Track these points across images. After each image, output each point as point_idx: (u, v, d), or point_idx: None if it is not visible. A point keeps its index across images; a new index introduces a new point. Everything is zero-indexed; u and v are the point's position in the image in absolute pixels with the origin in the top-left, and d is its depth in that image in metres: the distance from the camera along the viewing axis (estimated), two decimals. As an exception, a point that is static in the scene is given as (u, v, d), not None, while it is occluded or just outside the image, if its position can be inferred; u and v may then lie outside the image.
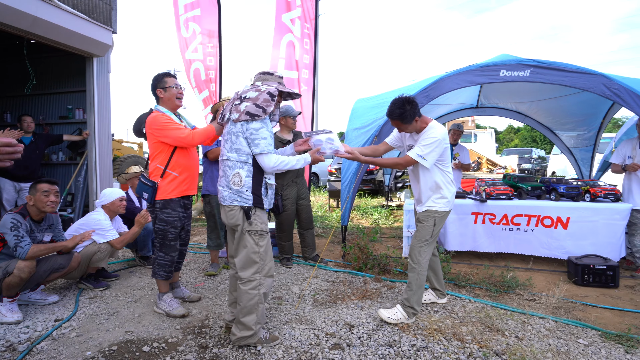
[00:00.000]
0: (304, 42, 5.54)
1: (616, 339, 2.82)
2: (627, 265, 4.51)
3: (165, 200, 3.04)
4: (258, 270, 2.60)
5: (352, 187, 4.80)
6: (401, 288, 3.84)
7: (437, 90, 4.51)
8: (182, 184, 3.10)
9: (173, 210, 3.07)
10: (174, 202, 3.07)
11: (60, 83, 6.63)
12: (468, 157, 6.13)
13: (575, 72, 4.07)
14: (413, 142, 3.18)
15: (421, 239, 3.14)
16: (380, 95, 6.31)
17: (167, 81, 3.07)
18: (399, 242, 5.90)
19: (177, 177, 3.06)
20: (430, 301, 3.47)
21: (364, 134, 5.08)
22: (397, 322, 3.03)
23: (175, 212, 3.09)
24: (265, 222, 2.65)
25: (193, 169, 3.18)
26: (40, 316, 3.12)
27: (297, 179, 4.55)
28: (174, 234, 3.11)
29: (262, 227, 2.61)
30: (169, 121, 2.98)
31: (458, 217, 4.81)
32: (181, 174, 3.08)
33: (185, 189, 3.13)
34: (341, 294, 3.64)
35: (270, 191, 2.68)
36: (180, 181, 3.08)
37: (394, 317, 3.04)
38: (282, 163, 2.59)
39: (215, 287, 3.82)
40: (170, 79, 3.10)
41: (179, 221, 3.12)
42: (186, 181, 3.12)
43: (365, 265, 4.39)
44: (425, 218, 3.16)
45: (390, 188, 9.68)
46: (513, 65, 4.28)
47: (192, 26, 6.28)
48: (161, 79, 3.08)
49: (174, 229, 3.11)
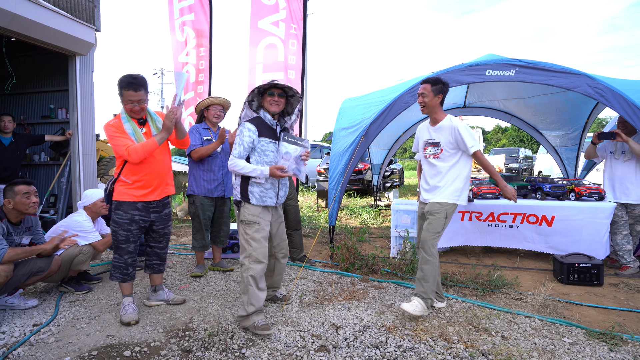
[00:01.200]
0: (290, 42, 5.49)
1: (600, 337, 2.83)
2: (612, 263, 4.56)
3: (117, 201, 3.01)
4: (247, 255, 2.92)
5: (340, 187, 4.78)
6: (389, 288, 3.83)
7: (424, 90, 4.51)
8: (137, 189, 3.00)
9: (124, 212, 2.99)
10: (126, 204, 2.99)
11: (42, 82, 6.48)
12: None
13: (559, 72, 4.10)
14: (429, 136, 3.33)
15: (434, 231, 3.18)
16: (368, 95, 6.30)
17: (123, 94, 2.92)
18: (387, 242, 5.89)
19: (130, 183, 2.98)
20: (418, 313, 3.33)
21: (351, 133, 5.06)
22: (421, 314, 3.07)
23: (126, 215, 3.00)
24: (253, 214, 2.94)
25: (152, 174, 3.04)
26: (18, 321, 3.03)
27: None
28: (124, 236, 3.02)
29: (250, 217, 2.94)
30: (115, 133, 2.90)
31: (445, 216, 4.83)
32: (135, 181, 2.99)
33: (141, 194, 3.02)
34: (328, 295, 3.61)
35: (258, 188, 2.96)
36: (134, 188, 3.00)
37: (418, 310, 3.05)
38: (237, 166, 2.90)
39: (200, 289, 3.75)
40: (127, 93, 2.90)
41: (131, 224, 3.02)
42: (142, 187, 3.02)
43: (353, 265, 4.37)
44: (438, 210, 3.19)
45: (379, 188, 9.68)
46: (498, 65, 4.29)
47: (186, 30, 6.27)
48: (120, 90, 2.92)
49: (125, 231, 3.01)
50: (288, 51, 5.47)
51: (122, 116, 2.98)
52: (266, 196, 2.98)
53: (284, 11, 5.52)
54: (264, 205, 2.98)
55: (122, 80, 2.90)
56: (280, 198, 3.13)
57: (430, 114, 3.32)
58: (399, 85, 5.45)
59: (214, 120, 4.09)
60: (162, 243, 3.31)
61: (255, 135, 2.91)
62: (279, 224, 3.23)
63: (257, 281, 2.89)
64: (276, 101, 3.01)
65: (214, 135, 4.08)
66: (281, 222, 3.26)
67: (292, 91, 3.11)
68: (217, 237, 4.25)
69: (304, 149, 3.04)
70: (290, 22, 5.52)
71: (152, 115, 3.12)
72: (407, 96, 4.54)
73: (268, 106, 3.00)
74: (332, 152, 5.26)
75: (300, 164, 3.06)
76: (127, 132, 2.93)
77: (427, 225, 3.22)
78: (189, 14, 6.28)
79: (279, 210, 3.25)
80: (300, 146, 3.04)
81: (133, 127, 2.95)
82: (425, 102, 3.24)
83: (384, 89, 6.20)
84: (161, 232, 3.24)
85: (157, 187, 3.08)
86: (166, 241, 3.34)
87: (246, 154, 2.91)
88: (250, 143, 2.90)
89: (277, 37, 5.48)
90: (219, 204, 4.13)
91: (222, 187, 4.06)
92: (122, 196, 2.98)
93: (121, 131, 2.92)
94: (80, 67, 5.88)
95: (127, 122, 2.96)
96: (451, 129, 3.19)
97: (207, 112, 4.10)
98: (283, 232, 3.28)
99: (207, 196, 4.00)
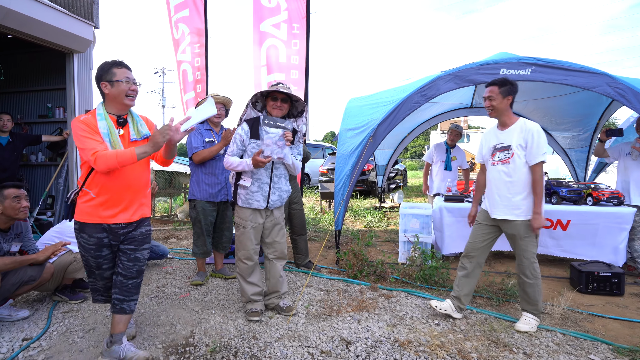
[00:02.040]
0: (292, 43, 5.32)
1: (629, 354, 2.65)
2: (630, 270, 4.38)
3: (80, 223, 2.39)
4: (236, 253, 3.15)
5: (347, 190, 4.60)
6: (399, 297, 3.64)
7: (434, 90, 4.33)
8: (101, 208, 2.36)
9: (89, 236, 2.38)
10: (91, 227, 2.37)
11: (39, 80, 6.31)
12: (465, 160, 6.00)
13: (578, 71, 3.91)
14: (497, 140, 3.10)
15: (532, 252, 2.98)
16: (374, 94, 6.11)
17: (115, 72, 2.36)
18: (394, 246, 5.71)
19: (93, 198, 2.36)
20: (444, 312, 3.19)
21: (358, 134, 4.88)
22: (534, 329, 2.97)
23: (91, 240, 2.38)
24: (240, 217, 3.09)
25: (123, 189, 2.40)
26: (7, 335, 2.84)
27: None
28: (94, 263, 2.45)
29: (238, 220, 3.11)
30: (84, 132, 2.29)
31: (456, 220, 4.65)
32: (100, 195, 2.36)
33: (108, 215, 2.37)
34: (336, 305, 3.43)
35: (243, 191, 3.05)
36: (99, 204, 2.36)
37: (533, 327, 2.96)
38: (228, 163, 3.01)
39: (201, 299, 3.57)
40: (121, 70, 2.38)
41: (100, 249, 2.41)
42: (107, 205, 2.37)
43: (361, 272, 4.19)
44: (527, 232, 2.96)
45: (383, 189, 9.49)
46: (513, 64, 4.11)
47: (181, 27, 6.14)
48: (108, 70, 2.36)
49: (94, 258, 2.43)
50: (290, 52, 5.30)
51: (97, 112, 2.37)
52: (252, 199, 3.05)
53: (286, 12, 5.36)
54: (253, 208, 3.07)
55: (105, 63, 2.40)
56: (272, 202, 3.11)
57: (499, 117, 3.09)
58: (408, 85, 5.26)
59: (215, 120, 3.90)
60: (131, 271, 2.47)
61: (246, 136, 3.01)
62: (273, 225, 3.19)
63: (243, 277, 3.17)
64: (278, 106, 3.03)
65: (217, 136, 3.88)
66: (277, 224, 3.21)
67: (295, 97, 3.10)
68: (219, 243, 4.06)
69: (283, 130, 2.96)
70: (292, 22, 5.34)
71: (134, 116, 2.52)
72: (417, 96, 4.35)
73: (270, 110, 3.05)
74: (338, 153, 5.08)
75: (283, 147, 2.96)
76: (100, 132, 2.32)
77: (521, 251, 3.00)
78: (183, 10, 6.14)
79: (276, 212, 3.20)
80: (281, 128, 2.98)
81: (109, 126, 2.35)
82: (494, 106, 3.03)
83: (391, 88, 6.02)
84: (130, 256, 2.47)
85: (129, 206, 2.43)
86: (137, 270, 2.50)
87: (239, 152, 3.04)
88: (241, 142, 3.02)
89: (279, 39, 5.33)
90: (221, 208, 3.95)
91: (225, 191, 3.87)
92: (84, 216, 2.37)
93: (92, 130, 2.30)
94: (78, 65, 5.71)
95: (103, 120, 2.35)
96: (524, 130, 2.95)
97: None
98: (279, 234, 3.23)
99: (210, 201, 3.82)
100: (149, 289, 3.80)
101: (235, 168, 2.98)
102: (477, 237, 3.22)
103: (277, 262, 3.24)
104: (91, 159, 2.23)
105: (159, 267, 4.52)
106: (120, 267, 2.46)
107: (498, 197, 3.07)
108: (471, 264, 3.21)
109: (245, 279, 3.15)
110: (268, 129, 2.96)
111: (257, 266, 3.21)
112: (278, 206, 3.19)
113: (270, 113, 3.03)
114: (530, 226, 2.94)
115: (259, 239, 3.18)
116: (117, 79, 2.36)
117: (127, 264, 2.46)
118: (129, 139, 2.44)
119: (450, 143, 5.85)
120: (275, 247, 3.21)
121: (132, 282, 2.48)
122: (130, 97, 2.42)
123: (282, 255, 3.25)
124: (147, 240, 2.55)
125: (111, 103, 2.41)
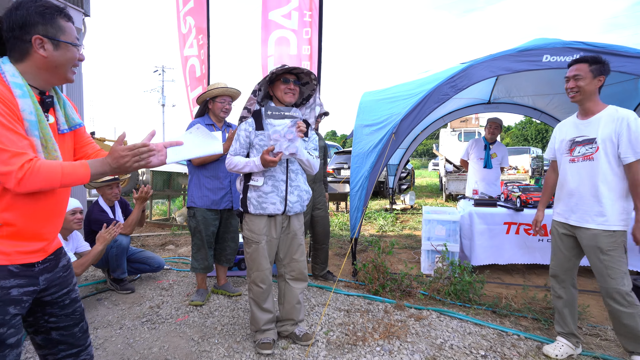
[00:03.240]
0: (304, 32, 4.83)
1: None
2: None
3: None
4: (249, 275, 2.64)
5: (365, 194, 4.09)
6: (431, 318, 3.14)
7: (466, 80, 3.84)
8: (9, 240, 1.36)
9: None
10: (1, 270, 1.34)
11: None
12: (507, 157, 5.28)
13: (636, 57, 3.40)
14: (577, 132, 2.55)
15: (622, 270, 2.36)
16: (391, 88, 5.59)
17: (63, 27, 1.41)
18: (413, 254, 5.21)
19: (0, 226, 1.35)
20: (566, 356, 2.60)
21: (377, 131, 4.37)
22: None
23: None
24: (252, 230, 2.56)
25: (39, 215, 1.43)
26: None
27: (314, 185, 3.83)
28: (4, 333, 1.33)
29: (248, 234, 2.58)
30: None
31: (488, 227, 4.15)
32: (12, 224, 1.35)
33: (17, 251, 1.38)
34: (360, 331, 2.92)
35: (255, 193, 2.54)
36: (11, 234, 1.36)
37: None
38: (231, 164, 2.56)
39: (201, 323, 3.05)
40: (69, 26, 1.44)
41: (3, 309, 1.33)
42: (18, 237, 1.38)
43: (383, 287, 3.68)
44: (612, 246, 2.37)
45: (395, 190, 8.98)
46: (558, 49, 3.60)
47: (188, 20, 5.87)
48: (51, 18, 1.38)
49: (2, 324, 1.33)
50: (302, 41, 4.81)
51: (9, 80, 1.32)
52: (267, 202, 2.52)
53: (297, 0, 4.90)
54: (268, 216, 2.56)
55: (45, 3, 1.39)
56: (290, 204, 2.56)
57: (584, 102, 2.51)
58: (430, 77, 4.74)
59: (221, 115, 3.36)
60: (75, 330, 1.59)
61: (252, 128, 2.56)
62: (291, 240, 2.64)
63: (258, 303, 2.65)
64: (292, 89, 2.56)
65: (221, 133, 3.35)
66: (295, 238, 2.65)
67: (309, 77, 2.65)
68: (221, 255, 3.55)
69: (293, 120, 2.42)
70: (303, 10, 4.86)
71: (61, 97, 1.54)
72: (447, 87, 3.85)
73: (281, 96, 2.56)
74: (354, 152, 4.57)
75: (295, 139, 2.42)
76: (24, 119, 1.33)
77: (605, 269, 2.38)
78: (189, 3, 5.84)
79: (295, 222, 2.65)
80: (289, 117, 2.48)
81: (36, 108, 1.36)
82: (580, 87, 2.45)
83: (408, 82, 5.50)
84: (63, 302, 1.56)
85: (46, 237, 1.48)
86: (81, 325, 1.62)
87: (243, 150, 2.59)
88: (246, 138, 2.57)
89: (289, 29, 4.87)
90: (224, 216, 3.43)
91: (230, 197, 3.35)
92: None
93: (11, 112, 1.28)
94: (66, 55, 5.20)
95: (27, 97, 1.34)
96: (616, 120, 2.38)
97: (213, 104, 3.35)
98: (297, 251, 2.67)
99: (212, 209, 3.30)
100: (140, 310, 3.29)
101: (241, 170, 2.52)
102: (559, 254, 2.68)
103: (295, 285, 2.71)
104: (15, 170, 1.23)
105: (154, 282, 4.01)
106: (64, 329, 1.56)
107: (576, 201, 2.53)
108: (565, 289, 2.66)
109: (260, 305, 2.64)
110: (273, 121, 2.49)
111: (272, 288, 2.71)
112: (298, 211, 2.63)
113: (282, 100, 2.54)
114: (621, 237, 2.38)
115: (274, 255, 2.66)
116: (66, 39, 1.42)
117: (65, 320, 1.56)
118: (56, 129, 1.49)
119: (489, 138, 5.14)
120: (292, 267, 2.67)
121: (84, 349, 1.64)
122: (73, 66, 1.48)
123: (301, 276, 2.70)
124: (73, 274, 1.66)
125: (39, 72, 1.41)
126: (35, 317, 1.52)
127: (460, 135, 14.34)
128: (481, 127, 14.17)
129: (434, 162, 30.71)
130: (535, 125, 47.19)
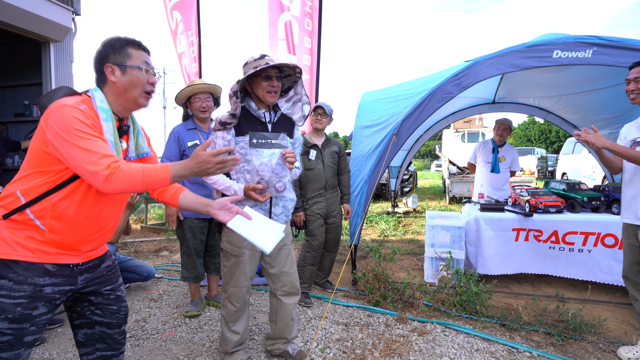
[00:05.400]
0: (305, 22, 4.62)
1: None
2: None
3: (4, 260, 1.40)
4: (224, 289, 2.41)
5: (365, 198, 3.88)
6: (435, 332, 2.92)
7: (471, 77, 3.63)
8: (54, 245, 1.47)
9: (18, 284, 1.39)
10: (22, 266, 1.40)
11: (14, 75, 5.63)
12: (517, 160, 5.02)
13: (654, 52, 3.19)
14: (638, 134, 2.57)
15: None
16: (391, 87, 5.38)
17: (131, 54, 1.56)
18: (416, 260, 4.99)
19: (43, 231, 1.44)
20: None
21: (377, 132, 4.16)
22: None
23: (22, 290, 1.39)
24: (231, 243, 2.31)
25: (93, 228, 1.55)
26: None
27: (326, 193, 3.56)
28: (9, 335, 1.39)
29: (227, 246, 2.33)
30: (86, 127, 1.40)
31: (495, 234, 3.92)
32: (56, 232, 1.46)
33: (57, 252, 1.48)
34: (359, 347, 2.71)
35: None
36: (53, 241, 1.46)
37: None
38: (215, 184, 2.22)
39: (189, 338, 2.85)
40: (139, 53, 1.58)
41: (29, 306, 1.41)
42: (63, 246, 1.49)
43: (384, 298, 3.47)
44: None
45: (397, 193, 8.76)
46: (570, 44, 3.38)
47: (175, 15, 5.61)
48: (120, 48, 1.55)
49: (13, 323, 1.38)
50: (303, 32, 4.60)
51: (98, 104, 1.50)
52: None
53: None
54: None
55: (118, 38, 1.58)
56: (275, 217, 2.32)
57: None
58: (432, 76, 4.52)
59: (201, 115, 3.11)
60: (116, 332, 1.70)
61: (231, 136, 2.20)
62: (278, 250, 2.38)
63: (227, 322, 2.43)
64: (274, 87, 2.22)
65: (205, 136, 3.15)
66: (282, 247, 2.40)
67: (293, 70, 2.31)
68: (211, 264, 3.34)
69: (281, 150, 2.19)
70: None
71: (135, 124, 1.71)
72: (451, 85, 3.65)
73: (263, 95, 2.22)
74: (353, 154, 4.37)
75: (285, 173, 2.21)
76: (106, 137, 1.47)
77: None
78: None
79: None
80: (277, 147, 2.22)
81: (114, 132, 1.53)
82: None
83: (409, 81, 5.29)
84: (109, 297, 1.67)
85: (85, 252, 1.57)
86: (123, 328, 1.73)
87: None
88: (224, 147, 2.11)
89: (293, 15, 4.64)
90: (213, 225, 3.22)
91: (218, 204, 3.15)
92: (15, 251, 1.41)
93: (96, 128, 1.45)
94: (56, 55, 5.03)
95: (109, 121, 1.51)
96: None
97: (190, 105, 3.15)
98: (287, 262, 2.42)
99: (199, 217, 3.10)
100: (125, 323, 3.09)
101: (221, 190, 2.24)
102: (630, 257, 2.71)
103: (288, 301, 2.46)
104: (103, 169, 1.35)
105: (142, 292, 3.81)
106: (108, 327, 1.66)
107: None
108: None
109: (229, 326, 2.41)
110: (259, 150, 2.20)
111: (247, 307, 2.47)
112: (283, 223, 2.38)
113: (264, 100, 2.21)
114: None
115: (254, 270, 2.41)
116: (132, 63, 1.55)
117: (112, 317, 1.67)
118: (124, 155, 1.64)
119: (497, 140, 4.87)
120: (283, 281, 2.42)
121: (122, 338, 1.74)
122: (148, 94, 1.62)
123: (293, 290, 2.45)
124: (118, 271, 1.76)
125: (115, 98, 1.56)
126: (82, 306, 1.63)
127: (463, 136, 14.06)
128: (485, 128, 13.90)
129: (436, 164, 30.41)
130: (539, 126, 46.78)
